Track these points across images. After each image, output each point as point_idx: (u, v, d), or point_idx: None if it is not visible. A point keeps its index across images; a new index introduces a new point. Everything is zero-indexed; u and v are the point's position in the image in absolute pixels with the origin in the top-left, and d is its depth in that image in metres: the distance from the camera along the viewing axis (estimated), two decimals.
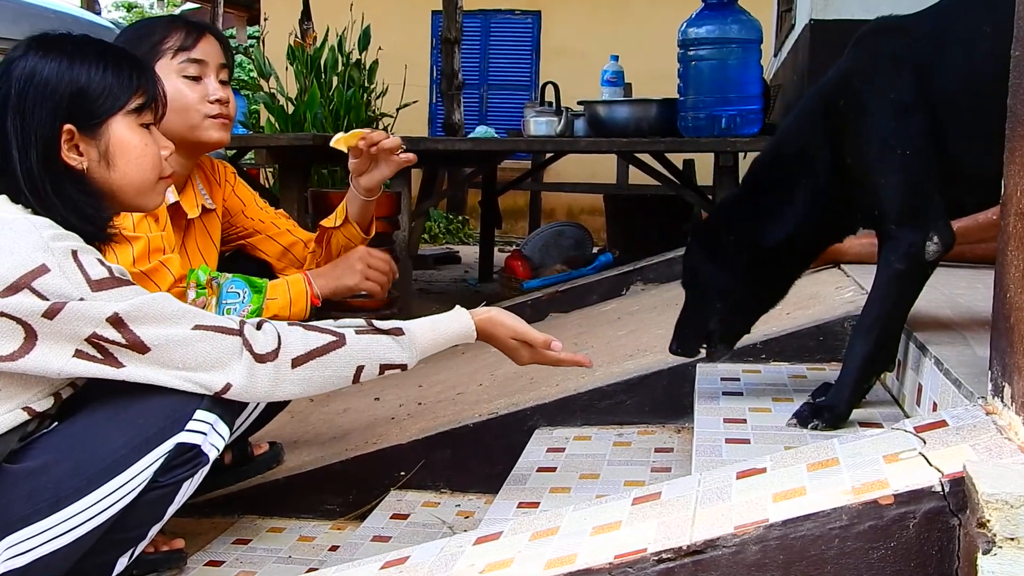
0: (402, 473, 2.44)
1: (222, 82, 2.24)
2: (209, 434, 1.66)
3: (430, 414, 2.67)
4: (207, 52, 2.21)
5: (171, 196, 2.18)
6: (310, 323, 1.78)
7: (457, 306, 1.96)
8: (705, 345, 2.00)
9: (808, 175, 1.83)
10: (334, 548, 2.22)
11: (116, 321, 1.54)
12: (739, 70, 4.54)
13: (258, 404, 2.26)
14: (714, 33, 4.54)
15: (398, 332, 1.81)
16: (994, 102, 1.51)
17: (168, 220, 2.14)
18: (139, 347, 1.56)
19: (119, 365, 1.56)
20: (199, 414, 1.64)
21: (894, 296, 1.76)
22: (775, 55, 7.40)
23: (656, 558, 1.16)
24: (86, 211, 1.63)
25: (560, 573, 1.19)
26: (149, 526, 1.67)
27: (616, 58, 5.23)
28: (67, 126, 1.61)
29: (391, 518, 2.28)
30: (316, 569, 2.10)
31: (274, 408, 2.43)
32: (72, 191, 1.62)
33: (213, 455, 1.69)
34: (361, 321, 1.81)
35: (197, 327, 1.61)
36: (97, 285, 1.55)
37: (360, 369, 1.75)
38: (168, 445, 1.62)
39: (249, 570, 2.14)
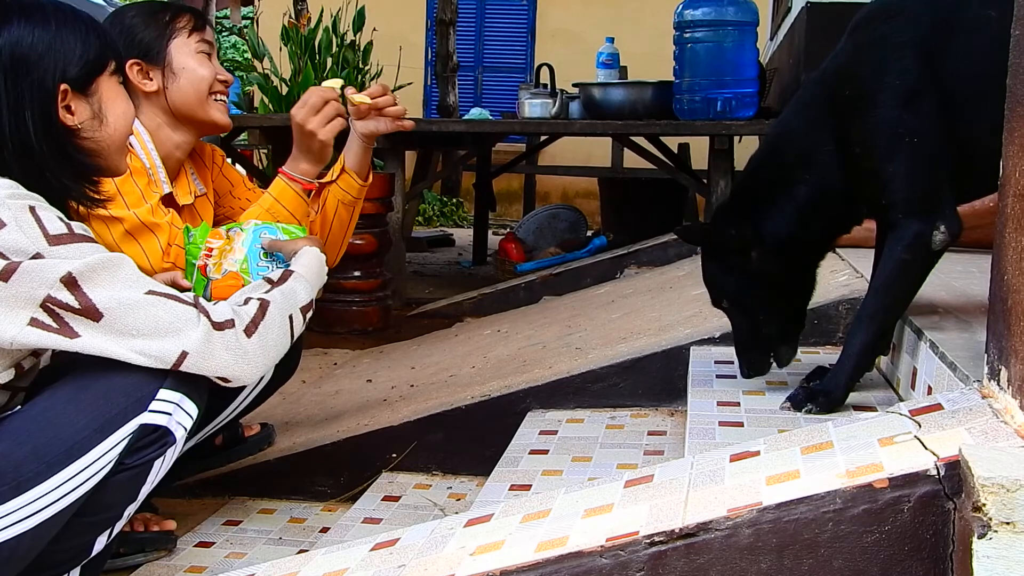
0: (394, 455, 2.43)
1: None
2: (175, 413, 1.61)
3: (422, 396, 2.66)
4: (211, 35, 2.30)
5: (165, 186, 2.18)
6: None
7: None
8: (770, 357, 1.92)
9: (814, 167, 1.78)
10: (325, 530, 2.21)
11: (69, 281, 1.49)
12: (735, 53, 4.52)
13: (258, 384, 2.26)
14: (710, 15, 4.52)
15: (290, 273, 1.87)
16: (1002, 84, 1.51)
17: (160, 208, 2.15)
18: (92, 313, 1.51)
19: (74, 335, 1.51)
20: (162, 393, 1.59)
21: (898, 286, 1.74)
22: (771, 38, 7.37)
23: (648, 541, 1.15)
24: (77, 169, 1.66)
25: (551, 555, 1.18)
26: (123, 507, 1.64)
27: (612, 40, 5.21)
28: (63, 86, 1.63)
29: (382, 500, 2.27)
30: (307, 551, 2.09)
31: (268, 390, 2.42)
32: (65, 150, 1.64)
33: (181, 434, 1.64)
34: (260, 282, 1.84)
35: (151, 292, 1.57)
36: (55, 240, 1.51)
37: (291, 319, 1.77)
38: (131, 427, 1.58)
39: (239, 551, 2.13)
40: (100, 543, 1.64)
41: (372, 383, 3.07)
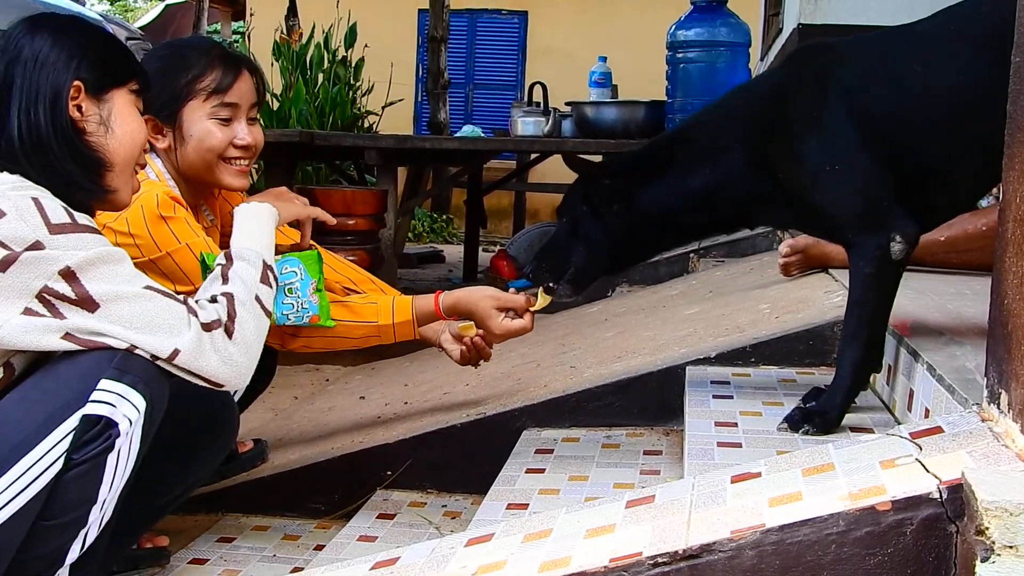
0: (388, 472, 2.42)
1: (251, 119, 2.25)
2: (119, 404, 1.59)
3: (417, 413, 2.66)
4: (241, 94, 2.20)
5: None
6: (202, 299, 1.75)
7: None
8: (551, 283, 2.02)
9: (712, 168, 1.85)
10: (319, 547, 2.21)
11: (68, 274, 1.52)
12: (727, 73, 4.56)
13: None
14: (703, 36, 4.56)
15: (231, 256, 1.83)
16: (928, 125, 1.72)
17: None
18: (88, 303, 1.54)
19: (62, 317, 1.54)
20: (103, 383, 1.57)
21: (871, 300, 1.77)
22: (762, 59, 7.41)
23: (652, 562, 1.15)
24: (82, 158, 1.67)
25: None
26: (84, 508, 1.61)
27: (604, 59, 5.23)
28: (76, 82, 1.68)
29: (377, 518, 2.26)
30: (301, 568, 2.09)
31: (248, 396, 2.42)
32: (71, 139, 1.66)
33: (126, 427, 1.60)
34: (215, 273, 1.80)
35: (148, 287, 1.61)
36: (57, 228, 1.54)
37: (258, 299, 1.77)
38: (74, 420, 1.56)
39: (233, 569, 2.12)
40: (74, 552, 1.61)
41: (365, 400, 3.07)
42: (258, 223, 1.95)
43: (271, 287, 1.83)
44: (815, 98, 1.78)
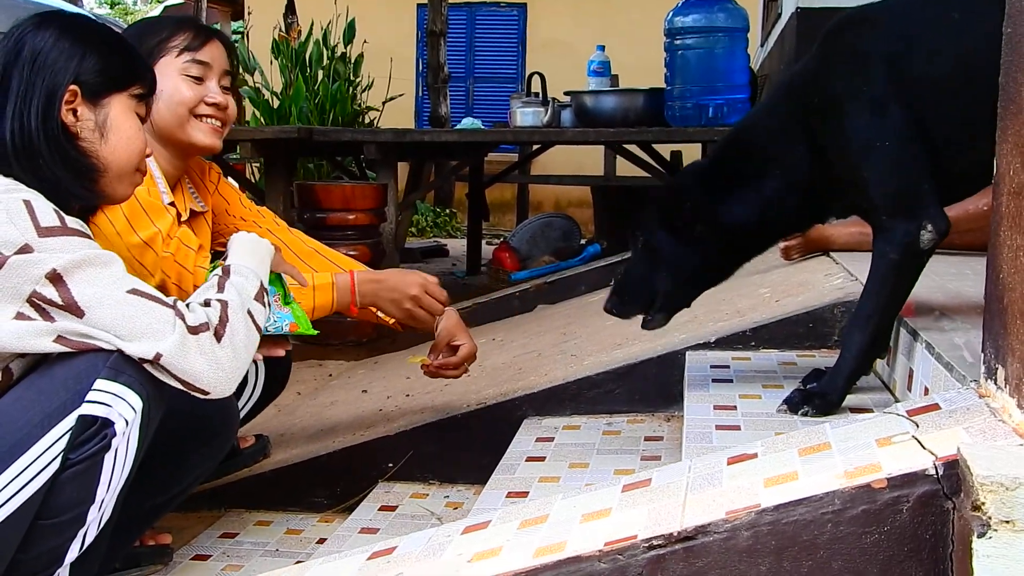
0: (390, 465, 2.42)
1: (224, 88, 2.24)
2: (115, 404, 1.58)
3: (418, 405, 2.65)
4: (212, 56, 2.21)
5: (166, 197, 2.16)
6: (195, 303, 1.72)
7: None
8: (643, 314, 1.97)
9: (778, 167, 1.81)
10: (321, 541, 2.20)
11: (54, 277, 1.52)
12: (726, 59, 4.53)
13: (251, 396, 2.26)
14: (701, 22, 4.54)
15: (228, 268, 1.80)
16: (968, 84, 1.62)
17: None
18: (74, 309, 1.53)
19: (52, 320, 1.53)
20: (99, 383, 1.57)
21: (890, 286, 1.74)
22: (761, 44, 7.39)
23: (647, 544, 1.14)
24: (72, 164, 1.66)
25: (550, 560, 1.17)
26: (82, 508, 1.60)
27: (603, 48, 5.21)
28: (72, 86, 1.67)
29: (379, 510, 2.26)
30: (304, 562, 2.08)
31: (262, 401, 2.42)
32: (60, 144, 1.65)
33: (122, 427, 1.59)
34: (212, 280, 1.78)
35: (133, 291, 1.59)
36: (46, 231, 1.53)
37: (250, 313, 1.74)
38: (70, 420, 1.56)
39: (236, 564, 2.12)
40: (73, 552, 1.61)
41: (367, 393, 3.07)
42: (257, 252, 1.91)
43: (264, 307, 1.81)
44: (856, 73, 1.74)
